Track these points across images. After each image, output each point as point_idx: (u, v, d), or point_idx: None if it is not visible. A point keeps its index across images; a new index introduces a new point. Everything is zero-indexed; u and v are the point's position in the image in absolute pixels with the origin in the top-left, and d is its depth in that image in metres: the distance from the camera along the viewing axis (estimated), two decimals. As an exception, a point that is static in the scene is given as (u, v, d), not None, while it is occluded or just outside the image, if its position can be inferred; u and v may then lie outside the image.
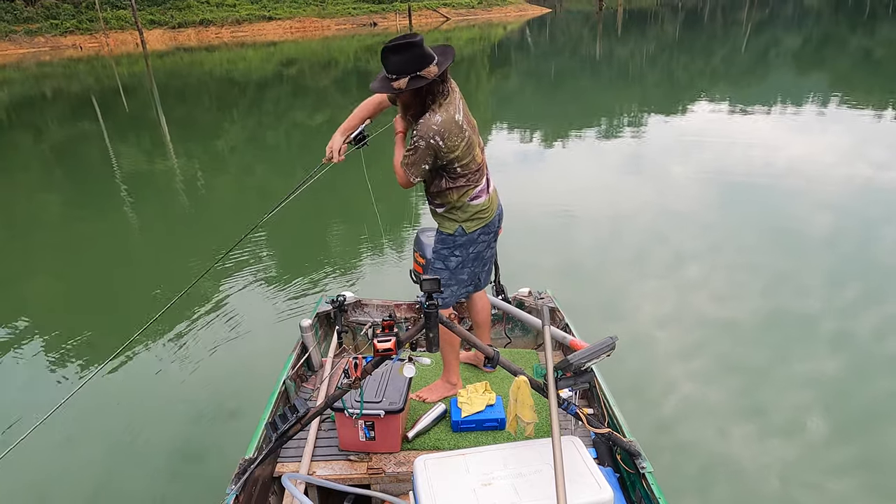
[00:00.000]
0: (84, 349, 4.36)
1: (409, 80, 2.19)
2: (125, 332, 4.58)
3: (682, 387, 3.63)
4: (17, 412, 3.68)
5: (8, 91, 19.66)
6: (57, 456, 3.30)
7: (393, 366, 2.34)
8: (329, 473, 2.38)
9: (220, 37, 35.17)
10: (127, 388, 3.83)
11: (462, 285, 2.65)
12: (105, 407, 3.64)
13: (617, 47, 26.50)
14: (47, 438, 3.37)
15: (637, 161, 8.52)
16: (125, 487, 3.04)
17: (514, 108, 13.99)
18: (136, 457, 3.22)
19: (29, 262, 6.14)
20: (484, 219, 2.52)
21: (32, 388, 3.99)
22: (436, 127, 2.25)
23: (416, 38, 2.18)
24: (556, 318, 3.33)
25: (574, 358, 1.98)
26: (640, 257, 5.38)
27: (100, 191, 8.60)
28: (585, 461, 1.84)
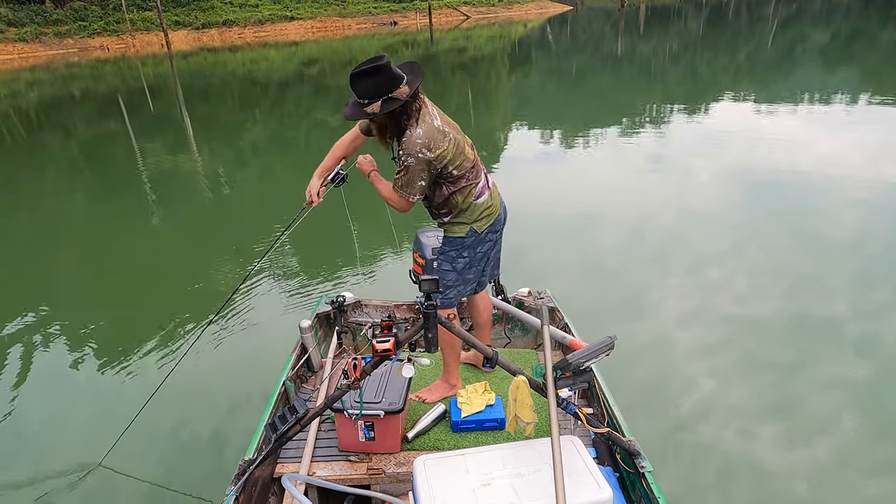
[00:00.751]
0: (106, 341, 4.45)
1: (382, 103, 2.20)
2: (146, 325, 4.67)
3: (702, 387, 3.59)
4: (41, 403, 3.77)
5: (38, 92, 20.15)
6: (56, 455, 3.29)
7: (392, 366, 2.36)
8: (329, 474, 2.38)
9: (242, 37, 35.60)
10: (126, 389, 3.83)
11: (468, 285, 2.66)
12: (105, 406, 3.65)
13: (639, 44, 26.21)
14: (46, 437, 3.40)
15: (659, 159, 8.42)
16: (124, 487, 3.03)
17: (535, 107, 13.92)
18: (135, 457, 3.21)
19: (55, 257, 6.28)
20: (491, 216, 2.54)
21: (53, 381, 4.09)
22: (420, 140, 2.26)
23: (382, 60, 2.18)
24: (555, 318, 3.32)
25: (573, 357, 1.98)
26: (661, 256, 5.32)
27: (125, 188, 8.76)
28: (585, 461, 1.83)
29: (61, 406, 3.76)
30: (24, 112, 16.53)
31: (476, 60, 22.62)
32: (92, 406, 3.74)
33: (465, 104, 14.13)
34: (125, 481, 3.07)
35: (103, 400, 3.81)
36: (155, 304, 5.11)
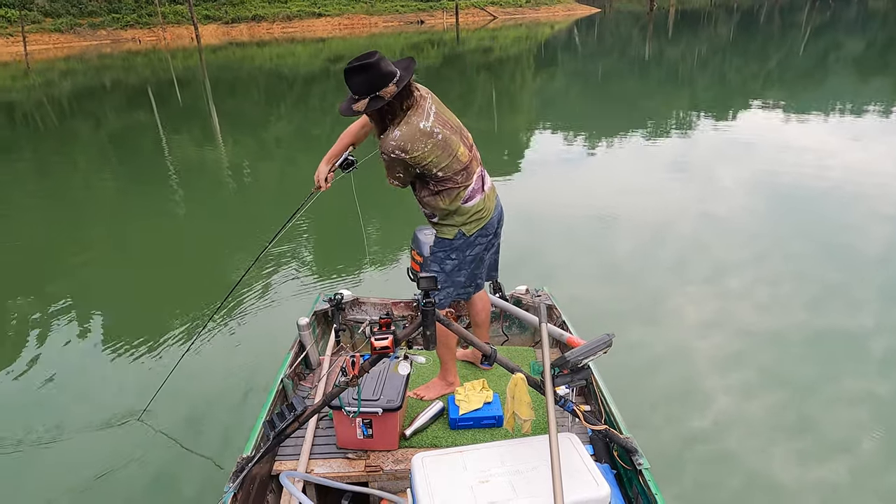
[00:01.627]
0: (118, 330, 4.53)
1: (369, 101, 2.20)
2: (154, 317, 4.73)
3: (717, 398, 3.53)
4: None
5: (71, 81, 20.61)
6: (54, 454, 3.28)
7: (391, 364, 2.34)
8: (327, 471, 2.38)
9: (270, 32, 35.99)
10: (124, 387, 3.81)
11: (459, 287, 2.64)
12: (103, 405, 3.64)
13: (667, 48, 25.92)
14: (42, 436, 3.40)
15: (682, 166, 8.32)
16: (122, 485, 3.01)
17: (559, 109, 13.85)
18: (133, 454, 3.19)
19: (83, 243, 6.43)
20: (482, 220, 2.50)
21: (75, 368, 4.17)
22: (393, 143, 2.25)
23: (372, 57, 2.17)
24: (553, 316, 3.31)
25: (571, 355, 1.97)
26: (679, 263, 5.25)
27: (152, 178, 8.93)
28: (582, 458, 1.83)
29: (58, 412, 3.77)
30: (58, 101, 16.92)
31: (501, 61, 22.57)
32: (71, 399, 3.75)
33: (488, 104, 14.11)
34: (122, 477, 3.05)
35: (103, 395, 3.83)
36: (168, 294, 5.16)
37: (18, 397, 3.82)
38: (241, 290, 4.92)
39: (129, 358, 4.17)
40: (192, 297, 5.02)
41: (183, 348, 4.04)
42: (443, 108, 2.41)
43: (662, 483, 2.12)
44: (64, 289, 5.28)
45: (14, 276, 5.71)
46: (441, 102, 2.44)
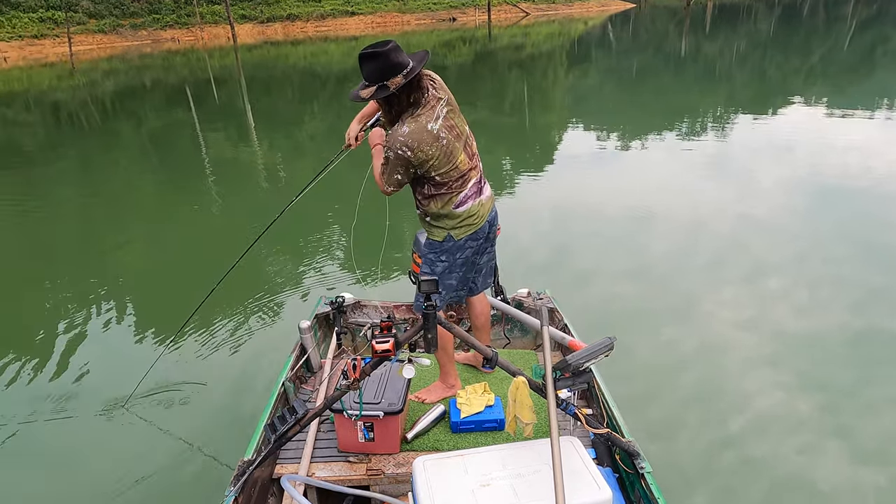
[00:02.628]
0: (158, 319, 4.65)
1: (376, 89, 2.21)
2: (189, 306, 4.84)
3: (752, 401, 3.44)
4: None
5: (113, 81, 21.24)
6: (54, 454, 3.32)
7: (392, 367, 2.34)
8: (328, 475, 2.37)
9: (304, 31, 36.44)
10: (124, 387, 3.79)
11: (450, 290, 2.63)
12: (102, 404, 3.65)
13: (704, 44, 25.33)
14: (43, 439, 3.43)
15: (720, 164, 8.13)
16: (122, 488, 3.01)
17: (591, 106, 13.68)
18: (134, 458, 3.20)
19: (120, 237, 6.62)
20: (473, 225, 2.50)
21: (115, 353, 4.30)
22: (402, 138, 2.24)
23: (386, 45, 2.17)
24: (554, 319, 3.29)
25: (573, 358, 1.97)
26: (715, 263, 5.13)
27: (188, 175, 9.15)
28: (584, 461, 1.82)
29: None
30: (100, 100, 17.46)
31: (533, 58, 22.40)
32: (71, 399, 3.79)
33: (520, 101, 14.02)
34: (123, 480, 3.06)
35: (106, 386, 3.90)
36: (194, 289, 5.24)
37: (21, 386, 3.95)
38: (243, 293, 4.92)
39: (132, 351, 4.21)
40: (219, 292, 5.08)
41: (176, 353, 4.03)
42: (454, 114, 2.40)
43: (665, 487, 2.10)
44: (93, 279, 5.44)
45: (55, 265, 5.94)
46: (457, 108, 2.44)
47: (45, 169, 10.12)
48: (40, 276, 5.68)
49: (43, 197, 8.39)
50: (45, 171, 9.93)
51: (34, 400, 3.77)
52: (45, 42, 31.59)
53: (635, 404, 3.41)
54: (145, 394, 3.71)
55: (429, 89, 2.32)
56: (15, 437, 3.46)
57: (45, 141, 12.51)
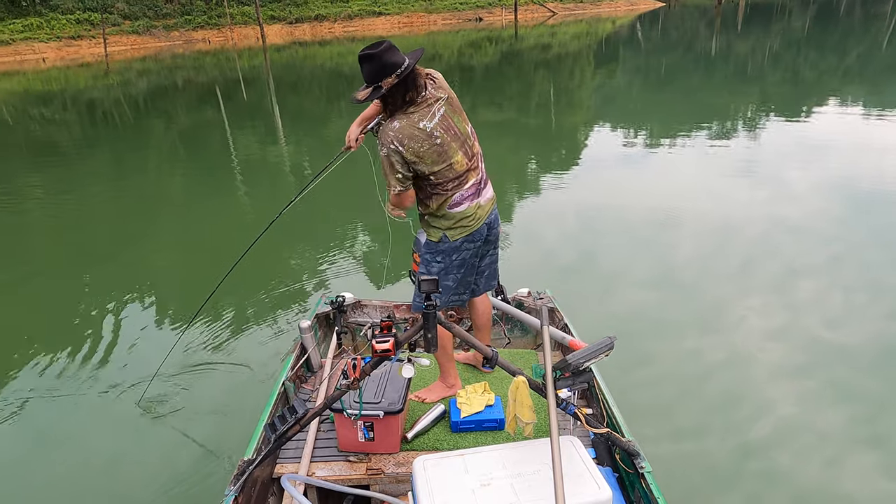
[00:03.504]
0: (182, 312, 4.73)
1: (372, 90, 2.24)
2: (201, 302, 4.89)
3: (779, 411, 3.36)
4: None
5: (146, 80, 21.73)
6: (54, 454, 3.33)
7: (392, 366, 2.34)
8: (328, 474, 2.38)
9: (332, 32, 36.77)
10: (125, 388, 3.84)
11: (448, 292, 2.62)
12: (103, 405, 3.69)
13: (736, 43, 24.83)
14: (43, 438, 3.44)
15: (750, 166, 7.95)
16: (123, 488, 3.03)
17: (619, 106, 13.52)
18: (134, 457, 3.21)
19: (151, 230, 6.78)
20: (469, 227, 2.49)
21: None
22: (392, 133, 2.26)
23: (379, 47, 2.19)
24: (555, 319, 3.27)
25: (573, 358, 1.97)
26: (744, 269, 5.02)
27: (217, 172, 9.31)
28: (584, 461, 1.82)
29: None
30: (134, 99, 17.87)
31: (560, 58, 22.23)
32: (70, 400, 3.83)
33: (546, 101, 13.94)
34: (123, 480, 3.07)
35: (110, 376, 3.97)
36: (213, 283, 5.32)
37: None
38: (244, 293, 4.93)
39: (135, 349, 4.26)
40: (220, 292, 5.09)
41: (177, 352, 4.05)
42: (453, 114, 2.40)
43: (664, 486, 2.09)
44: (113, 272, 5.60)
45: (85, 257, 6.14)
46: (458, 108, 2.44)
47: (81, 165, 10.41)
48: (65, 266, 5.84)
49: (78, 190, 8.64)
50: (80, 167, 10.21)
51: (39, 391, 3.84)
52: (82, 43, 32.48)
53: (658, 410, 3.38)
54: (146, 392, 3.73)
55: (427, 87, 2.33)
56: (13, 435, 3.50)
57: (80, 138, 12.87)
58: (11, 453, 3.36)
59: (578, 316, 4.28)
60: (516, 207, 7.01)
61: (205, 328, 4.47)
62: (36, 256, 6.38)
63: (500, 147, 10.26)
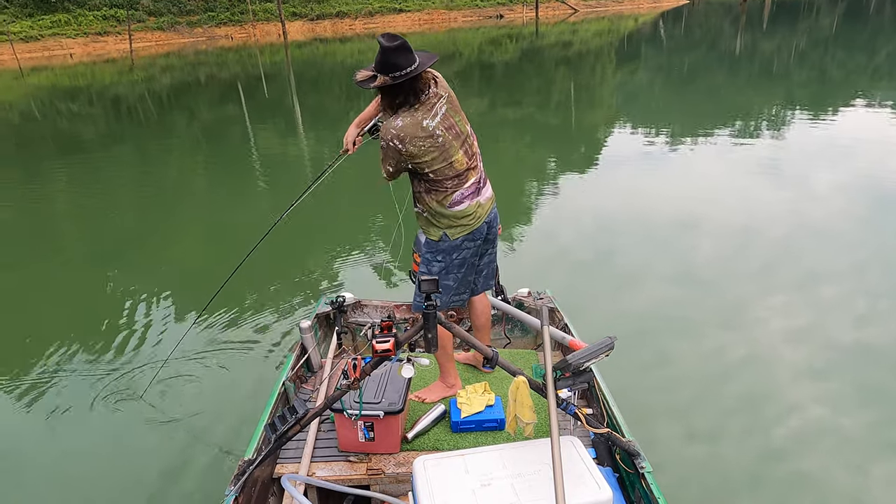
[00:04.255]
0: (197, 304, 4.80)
1: (369, 78, 2.26)
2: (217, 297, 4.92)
3: (802, 413, 3.31)
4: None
5: (170, 76, 22.03)
6: (56, 454, 3.33)
7: (392, 366, 2.34)
8: (328, 474, 2.37)
9: (353, 28, 36.91)
10: (125, 388, 3.84)
11: (448, 291, 2.61)
12: (103, 405, 3.68)
13: (761, 41, 24.41)
14: (44, 438, 3.45)
15: (774, 167, 7.82)
16: (122, 488, 3.02)
17: (640, 105, 13.38)
18: (134, 458, 3.21)
19: (171, 222, 6.89)
20: (469, 226, 2.49)
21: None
22: (393, 131, 2.27)
23: (394, 42, 2.20)
24: (555, 319, 3.26)
25: (573, 358, 1.97)
26: (766, 270, 4.95)
27: (237, 168, 9.41)
28: (584, 461, 1.82)
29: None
30: (157, 95, 18.13)
31: (581, 55, 22.06)
32: (72, 400, 3.82)
33: (566, 99, 13.84)
34: (123, 480, 3.08)
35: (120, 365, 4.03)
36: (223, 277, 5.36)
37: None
38: (244, 293, 4.94)
39: (138, 348, 4.29)
40: (221, 292, 5.10)
41: (177, 352, 4.07)
42: (454, 113, 2.42)
43: (665, 486, 2.08)
44: (133, 265, 5.68)
45: (107, 248, 6.25)
46: (458, 108, 2.45)
47: (106, 159, 10.59)
48: (87, 257, 5.96)
49: (103, 182, 8.80)
50: (105, 161, 10.39)
51: (43, 388, 3.88)
52: (108, 39, 33.01)
53: (674, 412, 3.35)
54: (147, 392, 3.75)
55: (431, 86, 2.35)
56: (16, 432, 3.54)
57: (105, 133, 13.09)
58: (8, 445, 3.40)
59: (595, 315, 4.27)
60: (534, 205, 6.98)
61: (205, 328, 4.47)
62: (63, 246, 6.52)
63: (519, 145, 10.23)
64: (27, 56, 29.89)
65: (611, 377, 2.69)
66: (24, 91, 20.61)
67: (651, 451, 3.03)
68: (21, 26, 31.55)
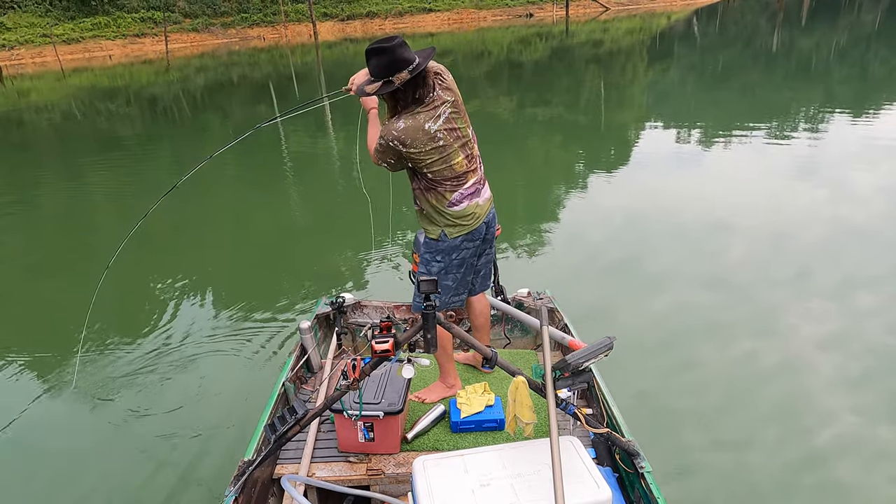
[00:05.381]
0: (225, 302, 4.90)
1: (382, 84, 2.25)
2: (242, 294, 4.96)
3: (840, 420, 3.22)
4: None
5: (203, 77, 22.51)
6: (56, 454, 3.33)
7: (392, 367, 2.33)
8: (328, 475, 2.37)
9: (382, 28, 37.13)
10: (125, 388, 3.83)
11: (448, 292, 2.61)
12: (103, 405, 3.69)
13: (799, 38, 23.75)
14: (44, 436, 3.48)
15: (812, 168, 7.61)
16: (123, 488, 3.03)
17: (672, 104, 13.15)
18: (134, 458, 3.21)
19: (206, 219, 7.04)
20: (467, 225, 2.49)
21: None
22: (395, 133, 2.28)
23: (392, 41, 2.20)
24: (554, 319, 3.25)
25: (572, 358, 1.97)
26: (801, 275, 4.81)
27: (268, 167, 9.56)
28: (584, 461, 1.82)
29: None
30: (192, 95, 18.55)
31: (612, 54, 21.79)
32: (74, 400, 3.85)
33: (596, 98, 13.70)
34: (124, 481, 3.08)
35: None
36: (255, 280, 5.36)
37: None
38: (242, 294, 4.97)
39: (141, 346, 4.31)
40: (221, 292, 5.12)
41: (177, 352, 4.09)
42: (458, 116, 2.41)
43: (664, 486, 2.07)
44: (159, 261, 5.80)
45: (139, 246, 6.38)
46: (463, 112, 2.45)
47: (142, 156, 10.88)
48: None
49: (140, 178, 9.03)
50: (141, 159, 10.67)
51: (45, 386, 3.93)
52: (145, 40, 33.90)
53: (701, 418, 3.29)
54: (147, 392, 3.76)
55: (435, 88, 2.35)
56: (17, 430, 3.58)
57: (142, 132, 13.45)
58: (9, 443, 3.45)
59: (622, 317, 4.21)
60: (562, 205, 6.93)
61: (205, 328, 4.49)
62: (100, 242, 6.72)
63: (547, 144, 10.17)
64: (69, 57, 30.91)
65: (638, 380, 2.66)
66: (65, 91, 21.33)
67: (677, 456, 3.01)
68: (63, 29, 32.63)
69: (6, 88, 22.98)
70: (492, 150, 9.64)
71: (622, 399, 2.57)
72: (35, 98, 20.10)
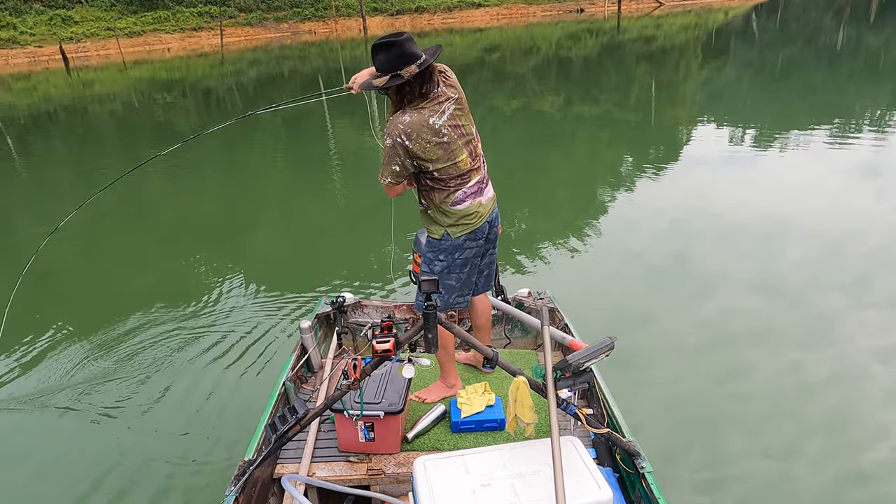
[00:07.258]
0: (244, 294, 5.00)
1: (390, 78, 2.23)
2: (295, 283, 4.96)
3: (892, 436, 3.06)
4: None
5: (256, 70, 23.09)
6: (56, 453, 3.33)
7: (392, 367, 2.33)
8: (329, 474, 2.36)
9: (431, 23, 37.24)
10: (125, 388, 3.82)
11: (451, 292, 2.58)
12: (103, 406, 3.67)
13: (867, 35, 22.58)
14: (44, 437, 3.46)
15: (876, 172, 7.22)
16: (123, 489, 3.02)
17: (726, 103, 12.71)
18: (135, 458, 3.20)
19: (254, 212, 7.21)
20: (470, 225, 2.46)
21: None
22: (401, 126, 2.26)
23: (400, 36, 2.19)
24: (555, 319, 3.20)
25: (573, 358, 1.96)
26: (861, 281, 4.59)
27: (316, 156, 9.75)
28: (585, 461, 1.82)
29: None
30: (244, 87, 19.06)
31: (664, 50, 21.23)
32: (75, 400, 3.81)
33: (646, 96, 13.38)
34: (124, 481, 3.07)
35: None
36: (299, 271, 5.42)
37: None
38: (242, 293, 4.96)
39: (142, 344, 4.31)
40: (220, 292, 5.10)
41: (177, 352, 4.07)
42: (462, 114, 2.40)
43: (664, 486, 2.03)
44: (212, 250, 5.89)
45: (191, 232, 6.61)
46: (466, 109, 2.44)
47: (195, 147, 11.23)
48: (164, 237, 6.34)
49: (195, 169, 9.35)
50: (194, 149, 11.03)
51: (46, 386, 3.95)
52: (202, 34, 35.02)
53: (747, 426, 3.19)
54: (147, 392, 3.76)
55: (439, 84, 2.35)
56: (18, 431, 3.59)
57: (196, 122, 13.91)
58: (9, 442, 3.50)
59: (668, 320, 4.11)
60: (609, 204, 6.81)
61: (205, 327, 4.51)
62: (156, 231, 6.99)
63: (595, 143, 10.01)
64: (130, 50, 32.24)
65: (683, 384, 2.60)
66: (126, 83, 22.27)
67: (721, 464, 2.92)
68: (126, 22, 34.04)
69: (72, 80, 24.15)
70: (537, 149, 9.55)
71: (644, 402, 2.52)
72: (98, 89, 21.04)
